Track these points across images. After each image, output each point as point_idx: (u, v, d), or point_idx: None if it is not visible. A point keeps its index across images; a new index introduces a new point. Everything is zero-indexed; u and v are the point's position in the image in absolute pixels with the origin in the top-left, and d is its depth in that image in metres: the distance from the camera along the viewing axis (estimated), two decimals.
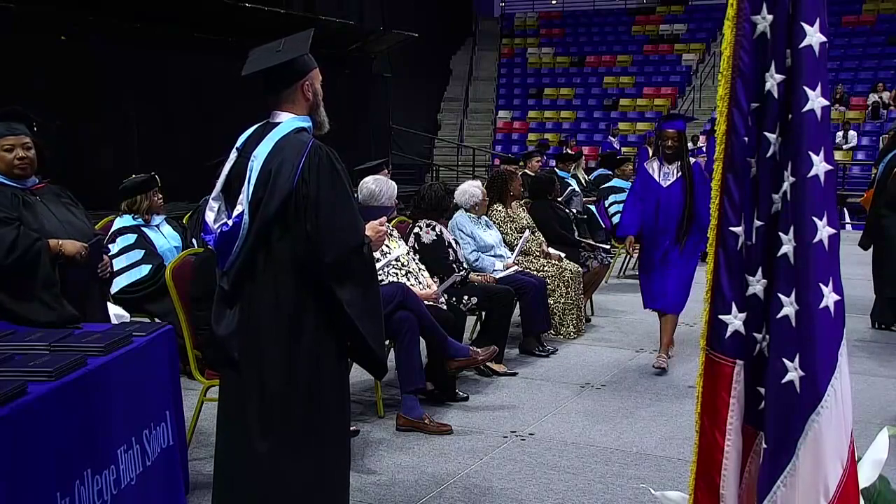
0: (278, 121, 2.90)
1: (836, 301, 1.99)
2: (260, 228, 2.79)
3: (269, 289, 2.83)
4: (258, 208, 2.78)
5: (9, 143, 3.65)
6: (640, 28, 25.80)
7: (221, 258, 2.90)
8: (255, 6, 12.16)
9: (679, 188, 5.81)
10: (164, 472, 3.32)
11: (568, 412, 5.14)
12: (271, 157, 2.80)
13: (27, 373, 2.67)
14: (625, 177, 9.88)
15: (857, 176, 18.30)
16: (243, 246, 2.81)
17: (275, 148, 2.82)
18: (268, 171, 2.79)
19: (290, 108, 2.91)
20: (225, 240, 2.84)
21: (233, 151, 2.94)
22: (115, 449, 2.98)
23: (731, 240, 2.11)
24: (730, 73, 2.10)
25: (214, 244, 2.89)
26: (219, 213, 2.91)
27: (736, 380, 2.12)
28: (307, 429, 2.89)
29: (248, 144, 2.90)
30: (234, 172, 2.89)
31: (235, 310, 2.87)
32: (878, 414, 4.95)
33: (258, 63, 2.89)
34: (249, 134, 2.94)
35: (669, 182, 5.86)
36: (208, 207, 2.94)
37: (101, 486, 2.84)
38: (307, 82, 2.92)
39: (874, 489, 2.30)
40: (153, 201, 5.58)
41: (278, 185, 2.77)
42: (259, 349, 2.85)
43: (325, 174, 2.79)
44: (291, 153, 2.79)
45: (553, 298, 6.72)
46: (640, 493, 3.89)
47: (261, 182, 2.79)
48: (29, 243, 3.49)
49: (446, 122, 24.89)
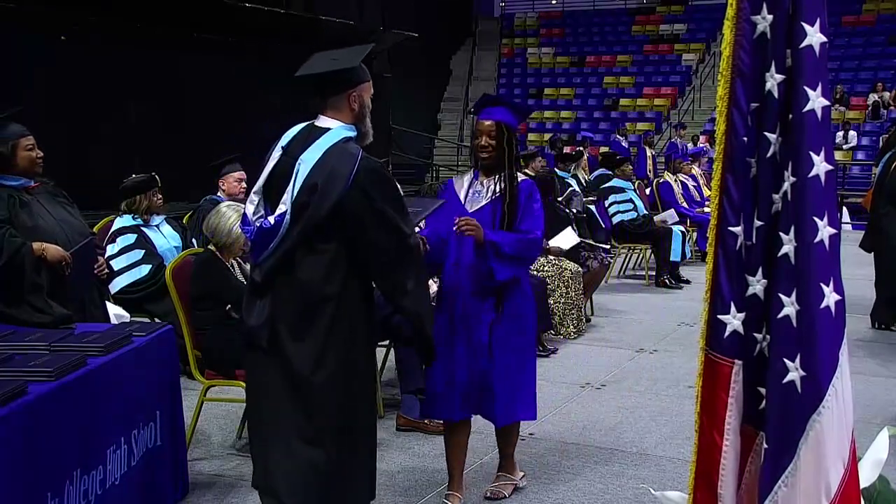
0: (325, 126, 2.97)
1: (836, 301, 1.99)
2: (305, 230, 2.86)
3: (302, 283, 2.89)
4: (302, 212, 2.85)
5: (30, 142, 3.74)
6: (640, 28, 25.79)
7: (256, 252, 2.98)
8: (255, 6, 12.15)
9: (492, 213, 3.72)
10: (149, 472, 3.32)
11: (568, 412, 5.14)
12: (321, 164, 2.87)
13: (27, 373, 2.68)
14: (625, 177, 9.87)
15: (857, 176, 18.30)
16: (280, 244, 2.88)
17: (324, 156, 2.88)
18: (316, 178, 2.85)
19: (334, 115, 2.99)
20: (264, 235, 2.91)
21: (276, 150, 3.00)
22: (106, 449, 2.98)
23: (731, 240, 2.11)
24: (729, 73, 2.09)
25: (252, 237, 2.97)
26: (257, 208, 2.97)
27: (734, 380, 2.12)
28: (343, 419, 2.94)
29: (294, 146, 2.96)
30: (278, 171, 2.95)
31: (266, 301, 2.92)
32: (878, 414, 4.95)
33: (312, 67, 2.98)
34: (294, 135, 3.00)
35: (479, 205, 3.76)
36: (249, 200, 3.02)
37: (87, 487, 2.84)
38: (355, 93, 3.00)
39: (874, 489, 2.30)
40: (153, 201, 5.59)
41: (327, 194, 2.84)
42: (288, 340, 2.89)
43: (376, 183, 2.90)
44: (341, 164, 2.87)
45: (553, 298, 6.72)
46: (640, 493, 3.89)
47: (306, 188, 2.86)
48: (13, 248, 3.51)
49: (446, 122, 24.88)
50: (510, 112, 3.79)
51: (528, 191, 3.76)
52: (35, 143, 3.75)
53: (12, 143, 3.67)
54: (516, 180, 3.76)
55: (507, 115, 3.77)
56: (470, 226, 3.58)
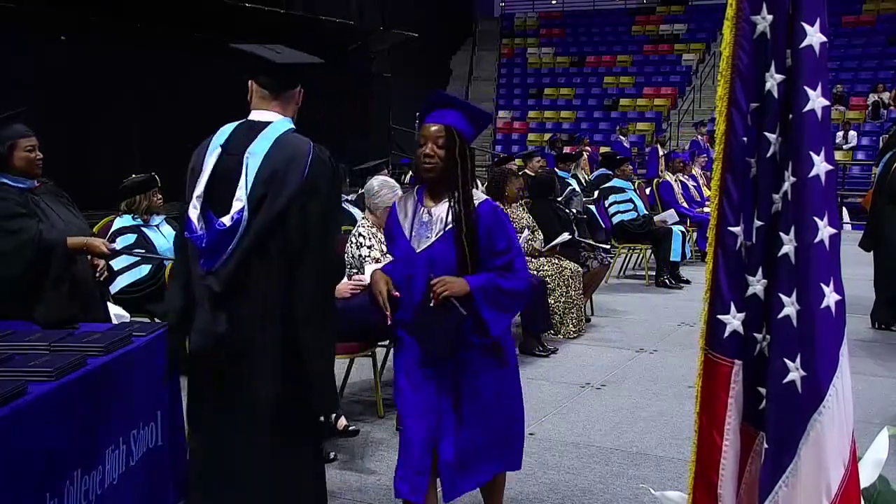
0: (266, 120, 2.86)
1: (837, 301, 1.99)
2: (262, 225, 2.73)
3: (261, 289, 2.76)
4: (261, 204, 2.73)
5: (31, 143, 3.72)
6: (640, 28, 25.78)
7: (209, 258, 2.78)
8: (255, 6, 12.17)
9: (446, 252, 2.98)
10: (148, 472, 3.31)
11: (568, 412, 5.14)
12: (273, 154, 2.76)
13: (27, 373, 2.68)
14: (625, 177, 9.88)
15: (857, 176, 18.29)
16: (239, 244, 2.75)
17: (274, 146, 2.77)
18: (271, 168, 2.74)
19: (278, 110, 2.89)
20: (220, 237, 2.76)
21: (213, 150, 2.85)
22: (105, 449, 2.98)
23: (730, 240, 2.11)
24: (729, 74, 2.09)
25: (204, 243, 2.78)
26: (203, 212, 2.80)
27: (734, 380, 2.12)
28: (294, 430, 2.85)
29: (235, 143, 2.83)
30: (222, 171, 2.80)
31: (226, 312, 2.78)
32: (878, 414, 4.95)
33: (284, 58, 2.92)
34: (232, 132, 2.87)
35: (429, 242, 3.01)
36: (191, 206, 2.83)
37: (87, 487, 2.83)
38: (300, 89, 2.95)
39: (874, 489, 2.30)
40: (152, 201, 5.58)
41: (287, 181, 2.73)
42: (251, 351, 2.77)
43: (329, 173, 2.79)
44: (297, 151, 2.77)
45: (553, 298, 6.73)
46: (640, 493, 3.89)
47: (262, 179, 2.74)
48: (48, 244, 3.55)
49: None
50: (465, 117, 3.03)
51: (491, 214, 3.01)
52: (36, 145, 3.73)
53: (10, 143, 3.66)
54: (473, 203, 2.99)
55: (461, 121, 3.01)
56: (444, 286, 2.91)
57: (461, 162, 2.97)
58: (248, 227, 2.74)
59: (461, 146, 2.98)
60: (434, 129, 2.98)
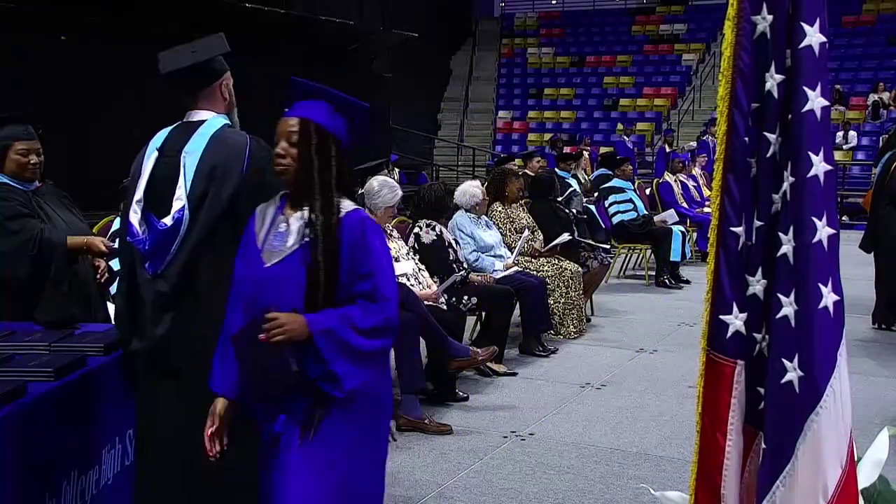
0: (200, 119, 2.87)
1: (835, 301, 1.99)
2: (207, 222, 2.73)
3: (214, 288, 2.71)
4: (201, 202, 2.73)
5: (25, 147, 3.64)
6: (640, 28, 25.77)
7: (154, 261, 2.76)
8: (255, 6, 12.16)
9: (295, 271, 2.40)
10: None
11: (568, 412, 5.15)
12: (210, 151, 2.76)
13: (27, 373, 2.67)
14: (625, 177, 9.87)
15: (857, 176, 18.29)
16: (183, 244, 2.73)
17: (211, 142, 2.78)
18: (210, 165, 2.74)
19: (208, 107, 2.90)
20: (162, 239, 2.75)
21: (150, 153, 2.86)
22: (102, 449, 2.98)
23: (732, 240, 2.11)
24: (730, 73, 2.09)
25: (147, 246, 2.78)
26: (143, 216, 2.80)
27: (737, 380, 2.12)
28: None
29: (170, 145, 2.84)
30: (159, 173, 2.81)
31: (173, 313, 2.75)
32: (878, 414, 4.95)
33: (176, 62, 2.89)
34: (168, 135, 2.89)
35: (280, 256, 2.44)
36: (132, 211, 2.83)
37: (84, 486, 2.83)
38: (224, 82, 2.94)
39: (874, 489, 2.30)
40: None
41: (228, 176, 2.73)
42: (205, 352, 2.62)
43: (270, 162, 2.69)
44: (234, 145, 2.78)
45: (553, 298, 6.72)
46: (640, 493, 3.89)
47: (201, 177, 2.74)
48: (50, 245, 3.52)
49: (446, 122, 24.87)
50: (329, 109, 2.48)
51: (357, 227, 2.41)
52: (32, 149, 3.65)
53: (4, 145, 3.62)
54: (336, 213, 2.40)
55: (323, 114, 2.46)
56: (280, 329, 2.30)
57: (319, 162, 2.41)
58: (192, 226, 2.74)
59: (320, 143, 2.42)
60: (288, 125, 2.45)
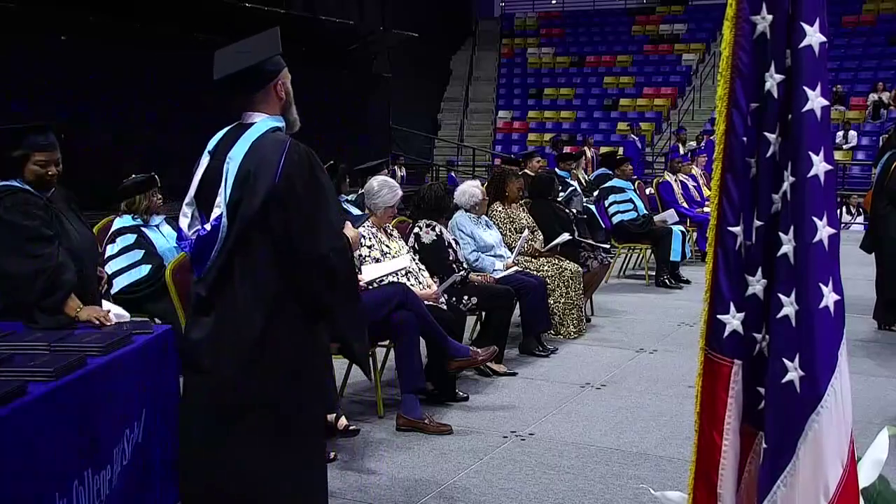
0: (252, 122, 2.85)
1: (835, 301, 1.99)
2: (240, 229, 2.72)
3: (246, 293, 2.75)
4: (237, 209, 2.73)
5: (43, 158, 3.64)
6: (640, 28, 25.79)
7: (198, 265, 2.81)
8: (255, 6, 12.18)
9: None
10: (147, 472, 3.32)
11: (568, 412, 5.15)
12: (248, 157, 2.75)
13: (27, 373, 2.68)
14: (625, 177, 9.87)
15: (857, 176, 18.30)
16: (222, 249, 2.74)
17: (251, 148, 2.77)
18: (246, 171, 2.73)
19: (263, 109, 2.87)
20: (202, 245, 2.77)
21: (204, 156, 2.87)
22: (112, 448, 2.98)
23: (730, 240, 2.11)
24: (729, 74, 2.09)
25: (191, 250, 2.82)
26: (192, 220, 2.84)
27: (734, 380, 2.12)
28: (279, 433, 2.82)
29: (221, 147, 2.84)
30: (208, 176, 2.82)
31: (212, 316, 2.78)
32: (878, 414, 4.95)
33: (228, 66, 2.84)
34: (221, 137, 2.88)
35: None
36: (182, 214, 2.86)
37: (99, 486, 2.84)
38: (279, 82, 2.88)
39: (874, 489, 2.30)
40: (152, 201, 5.58)
41: (259, 183, 2.71)
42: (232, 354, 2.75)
43: (305, 171, 2.75)
44: (270, 151, 2.74)
45: (553, 298, 6.72)
46: (640, 493, 3.89)
47: (238, 183, 2.73)
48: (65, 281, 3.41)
49: (446, 122, 24.90)
50: None
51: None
52: (51, 159, 3.65)
53: (23, 154, 3.64)
54: None
55: None
56: None
57: None
58: (228, 233, 2.73)
59: None
60: None
